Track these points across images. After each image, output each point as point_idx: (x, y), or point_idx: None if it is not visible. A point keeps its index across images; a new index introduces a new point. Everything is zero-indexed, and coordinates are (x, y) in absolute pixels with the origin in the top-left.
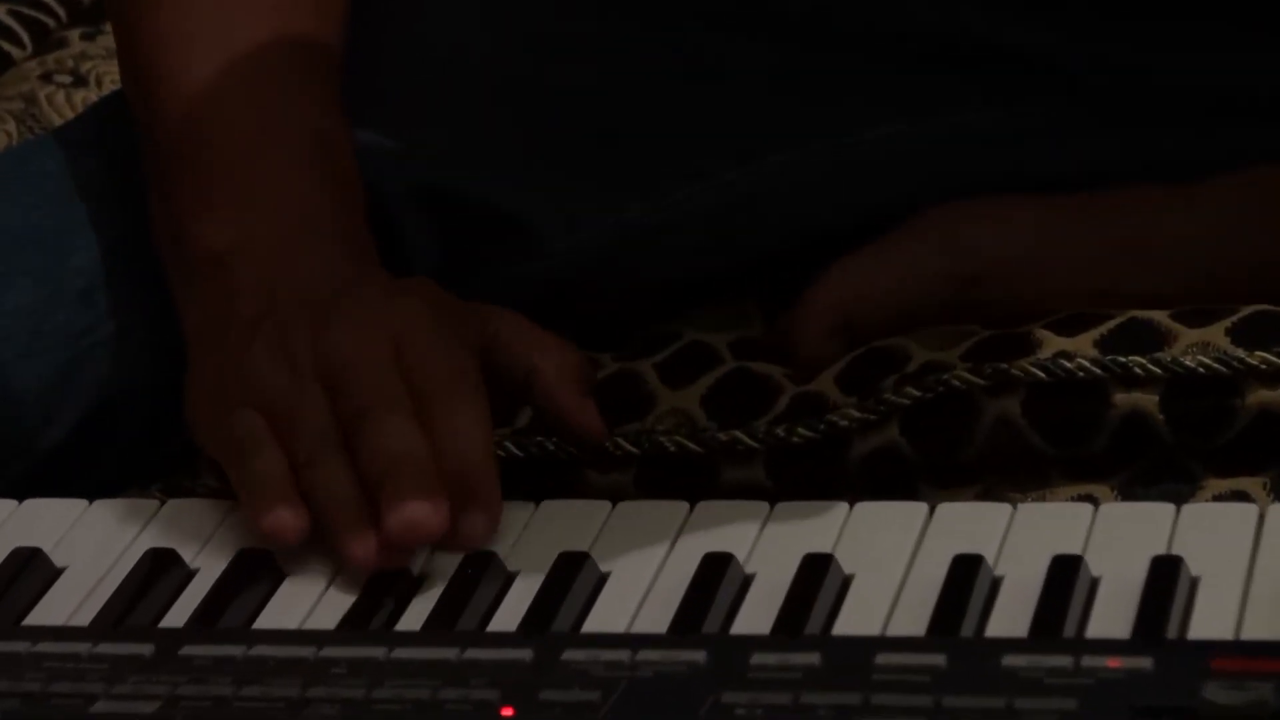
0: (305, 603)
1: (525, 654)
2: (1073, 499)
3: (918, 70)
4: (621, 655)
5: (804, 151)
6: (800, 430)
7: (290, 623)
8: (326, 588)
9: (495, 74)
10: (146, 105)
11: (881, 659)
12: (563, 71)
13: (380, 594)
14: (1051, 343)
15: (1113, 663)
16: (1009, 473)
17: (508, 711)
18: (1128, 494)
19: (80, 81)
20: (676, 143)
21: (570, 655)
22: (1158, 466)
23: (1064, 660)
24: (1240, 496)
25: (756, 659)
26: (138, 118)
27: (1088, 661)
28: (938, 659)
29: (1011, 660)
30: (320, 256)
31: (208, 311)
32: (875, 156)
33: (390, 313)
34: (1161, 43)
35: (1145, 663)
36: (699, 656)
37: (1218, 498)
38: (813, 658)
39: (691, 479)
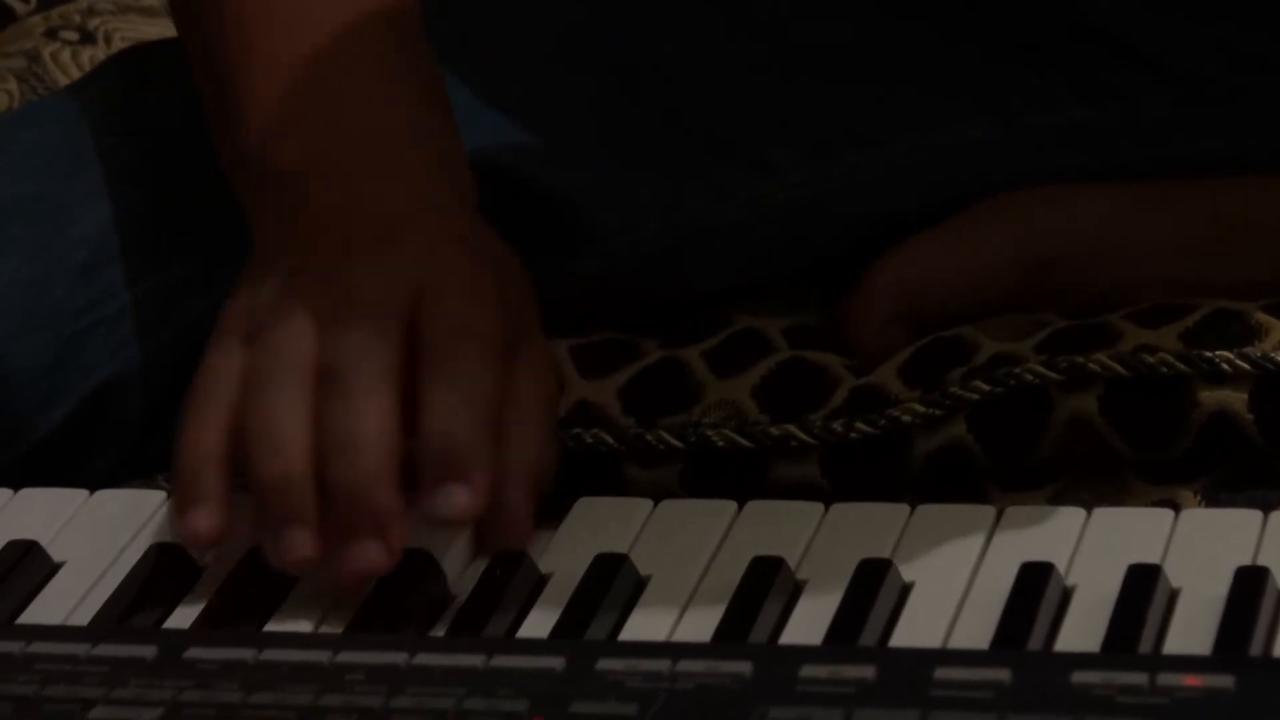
0: (321, 604)
1: (557, 662)
2: (1152, 504)
3: (1006, 63)
4: (661, 665)
5: (881, 151)
6: (859, 425)
7: (304, 625)
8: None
9: (572, 46)
10: (201, 10)
11: (941, 673)
12: (640, 53)
13: (408, 592)
14: (1132, 335)
15: (1191, 681)
16: (1084, 475)
17: None
18: (1212, 500)
19: (88, 38)
20: (746, 138)
21: (606, 664)
22: (1245, 470)
23: (1139, 678)
24: None
25: (806, 671)
26: (186, 26)
27: (1164, 680)
28: (1002, 674)
29: (1082, 677)
30: (399, 186)
31: (271, 231)
32: (959, 157)
33: (429, 272)
34: (1268, 30)
35: (1227, 682)
36: (744, 668)
37: None
38: (867, 671)
39: (740, 476)
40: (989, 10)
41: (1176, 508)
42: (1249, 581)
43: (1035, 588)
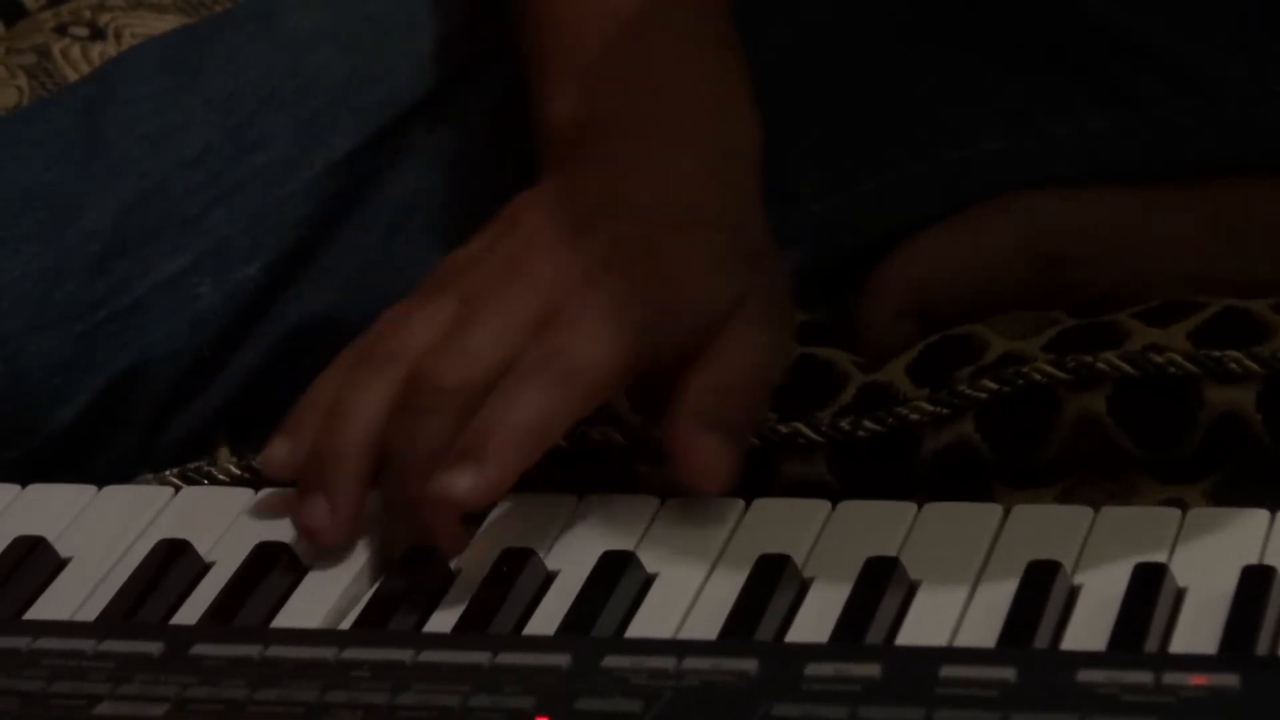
0: (328, 600)
1: (563, 659)
2: (1160, 503)
3: (1025, 75)
4: (667, 663)
5: (900, 171)
6: (867, 423)
7: (310, 621)
8: (351, 584)
9: None
10: None
11: (947, 671)
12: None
13: (412, 589)
14: (1141, 334)
15: (1197, 680)
16: (1092, 474)
17: None
18: (1220, 499)
19: (98, 34)
20: (771, 169)
21: (611, 661)
22: (1254, 470)
23: (1144, 676)
24: None
25: (812, 669)
26: None
27: (1170, 678)
28: (1007, 672)
29: (1087, 675)
30: (670, 172)
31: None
32: (977, 168)
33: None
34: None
35: (1232, 681)
36: (750, 665)
37: None
38: (872, 669)
39: (748, 473)
40: (1007, 21)
41: (1184, 507)
42: (1256, 580)
43: (1042, 586)
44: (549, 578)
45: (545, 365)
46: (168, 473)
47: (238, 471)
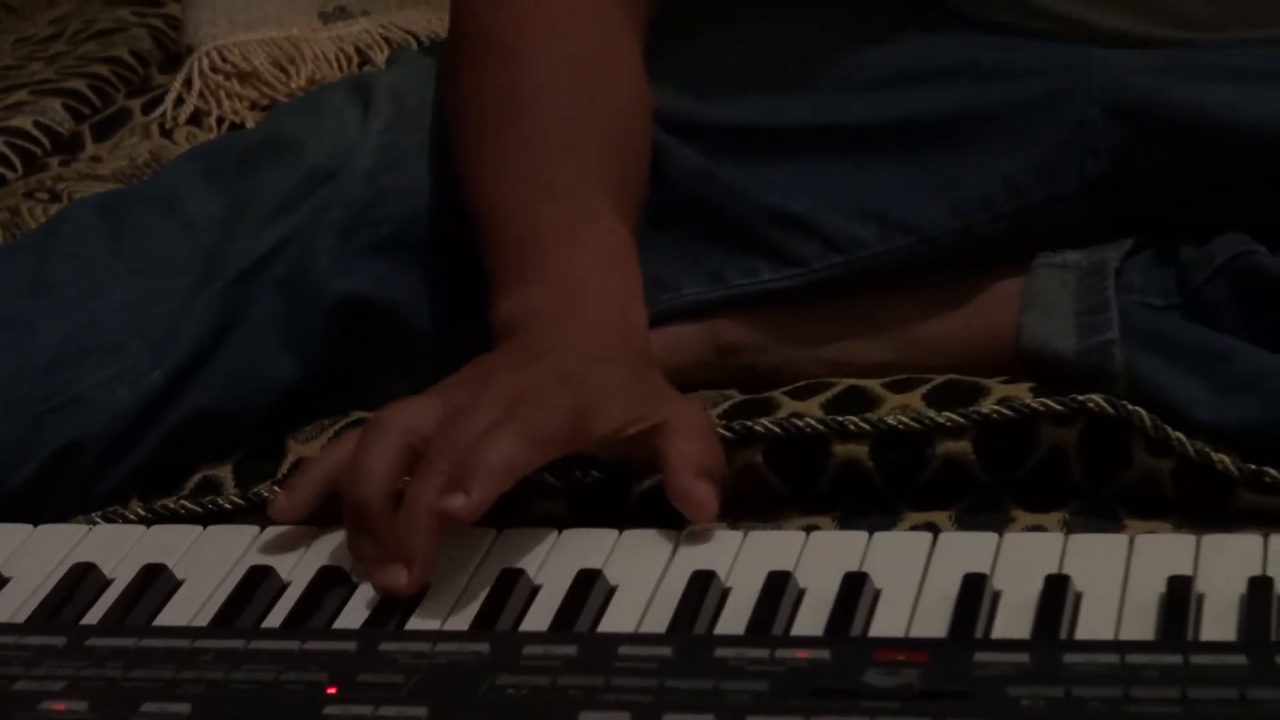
0: (194, 604)
1: (351, 645)
2: (799, 529)
3: (721, 243)
4: (424, 647)
5: None
6: (594, 472)
7: (179, 621)
8: (213, 592)
9: None
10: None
11: (625, 650)
12: None
13: (250, 597)
14: (788, 405)
15: (801, 654)
16: (754, 507)
17: (331, 690)
18: (846, 525)
19: (55, 198)
20: None
21: (386, 647)
22: (869, 503)
23: (763, 653)
24: (931, 527)
25: (528, 650)
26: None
27: (782, 654)
28: (666, 650)
29: (723, 652)
30: (586, 335)
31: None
32: (680, 311)
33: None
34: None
35: (825, 654)
36: (484, 648)
37: (914, 528)
38: (572, 649)
39: (504, 511)
40: (708, 207)
41: (810, 530)
42: (854, 582)
43: (702, 589)
44: (354, 588)
45: (509, 424)
46: (93, 515)
47: (142, 513)
